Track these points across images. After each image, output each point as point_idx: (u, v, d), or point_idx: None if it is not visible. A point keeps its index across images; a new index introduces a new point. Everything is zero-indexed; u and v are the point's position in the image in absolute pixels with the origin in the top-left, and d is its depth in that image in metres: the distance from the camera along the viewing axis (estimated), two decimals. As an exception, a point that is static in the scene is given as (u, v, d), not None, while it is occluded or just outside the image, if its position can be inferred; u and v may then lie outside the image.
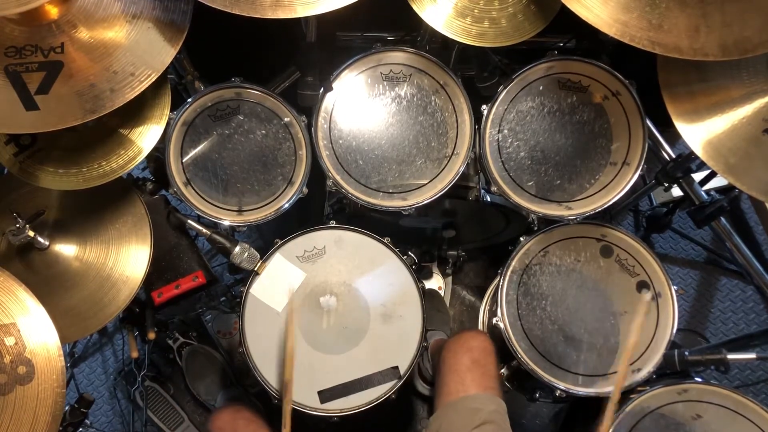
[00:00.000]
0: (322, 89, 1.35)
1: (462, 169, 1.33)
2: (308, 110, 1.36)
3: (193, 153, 1.34)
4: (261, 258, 1.33)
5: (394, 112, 1.38)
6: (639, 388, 1.27)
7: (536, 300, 1.37)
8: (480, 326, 1.61)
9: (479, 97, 1.39)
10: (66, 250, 1.27)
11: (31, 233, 1.20)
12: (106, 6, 1.12)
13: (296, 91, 1.35)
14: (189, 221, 1.34)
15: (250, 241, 1.58)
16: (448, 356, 1.34)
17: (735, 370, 1.94)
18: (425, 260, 1.85)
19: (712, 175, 1.55)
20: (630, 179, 1.30)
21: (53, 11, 1.10)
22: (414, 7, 1.25)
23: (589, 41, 1.46)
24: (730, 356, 1.24)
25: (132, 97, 1.09)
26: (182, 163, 1.33)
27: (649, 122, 1.31)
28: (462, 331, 1.46)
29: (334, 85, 1.37)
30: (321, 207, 1.63)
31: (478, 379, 1.27)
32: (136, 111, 1.26)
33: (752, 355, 1.27)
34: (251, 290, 1.33)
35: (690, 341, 1.98)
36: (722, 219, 1.48)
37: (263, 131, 1.36)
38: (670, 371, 1.31)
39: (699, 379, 1.25)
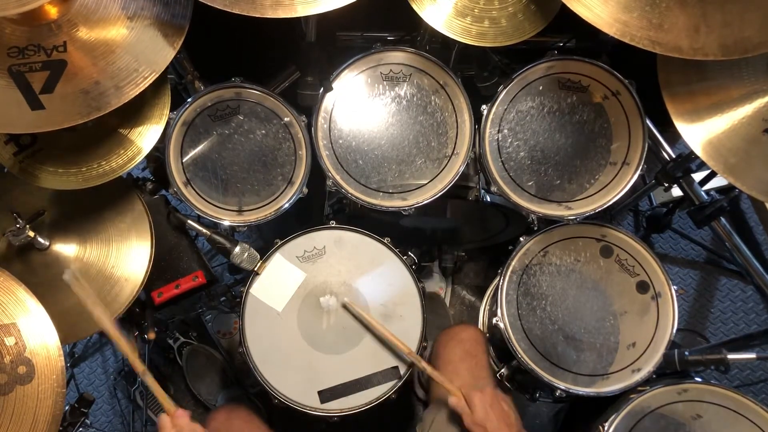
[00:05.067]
0: (322, 89, 1.35)
1: (462, 169, 1.33)
2: (308, 110, 1.36)
3: (193, 153, 1.34)
4: (261, 258, 1.34)
5: (394, 112, 1.38)
6: (639, 388, 1.27)
7: (536, 300, 1.37)
8: (480, 326, 1.61)
9: (479, 97, 1.39)
10: (66, 250, 1.27)
11: (31, 233, 1.21)
12: (105, 5, 1.12)
13: (296, 91, 1.35)
14: (189, 221, 1.34)
15: (250, 241, 1.58)
16: (439, 349, 1.34)
17: (735, 370, 1.94)
18: (425, 260, 1.86)
19: (712, 175, 1.55)
20: (630, 179, 1.30)
21: (53, 11, 1.10)
22: (414, 6, 1.25)
23: (589, 41, 1.46)
24: (730, 356, 1.24)
25: (136, 94, 1.09)
26: (182, 163, 1.33)
27: (649, 122, 1.31)
28: (453, 324, 1.46)
29: (334, 85, 1.37)
30: (321, 207, 1.63)
31: (471, 371, 1.28)
32: (136, 111, 1.26)
33: (752, 355, 1.27)
34: (251, 290, 1.33)
35: (690, 341, 1.98)
36: (722, 219, 1.48)
37: (263, 131, 1.36)
38: (670, 371, 1.31)
39: (699, 379, 1.25)
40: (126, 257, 1.27)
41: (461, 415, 1.11)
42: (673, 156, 1.43)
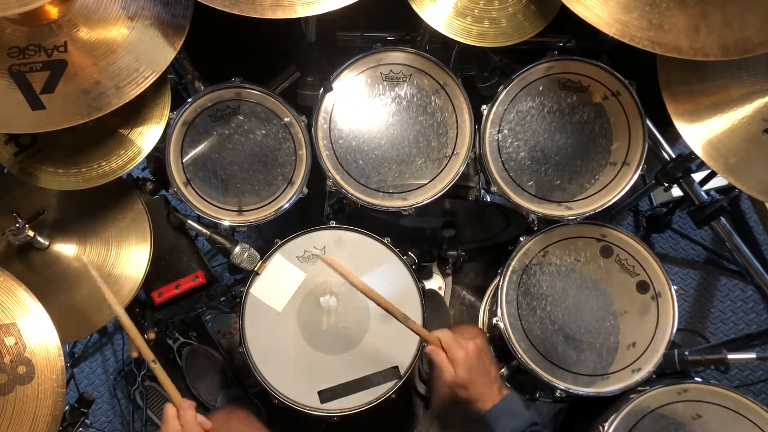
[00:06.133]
0: (322, 89, 1.35)
1: (462, 169, 1.33)
2: (308, 110, 1.36)
3: (193, 153, 1.34)
4: (261, 258, 1.33)
5: (394, 112, 1.38)
6: (639, 388, 1.27)
7: (536, 300, 1.37)
8: (480, 326, 1.61)
9: (479, 97, 1.39)
10: (66, 250, 1.27)
11: (31, 233, 1.21)
12: (106, 5, 1.12)
13: (296, 91, 1.35)
14: (189, 221, 1.34)
15: (250, 241, 1.58)
16: None
17: (735, 370, 1.94)
18: (425, 260, 1.85)
19: (712, 175, 1.55)
20: (630, 179, 1.30)
21: (53, 11, 1.10)
22: (414, 7, 1.25)
23: (589, 41, 1.46)
24: (730, 356, 1.24)
25: (136, 94, 1.09)
26: (182, 163, 1.33)
27: (649, 122, 1.31)
28: (453, 325, 1.46)
29: (334, 85, 1.37)
30: (321, 207, 1.63)
31: None
32: (136, 111, 1.26)
33: (752, 355, 1.27)
34: (251, 290, 1.33)
35: (690, 341, 1.98)
36: (722, 219, 1.48)
37: (263, 131, 1.36)
38: (670, 371, 1.31)
39: (699, 379, 1.25)
40: (125, 257, 1.27)
41: (441, 370, 1.06)
42: (673, 156, 1.43)
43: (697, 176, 1.46)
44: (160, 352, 1.89)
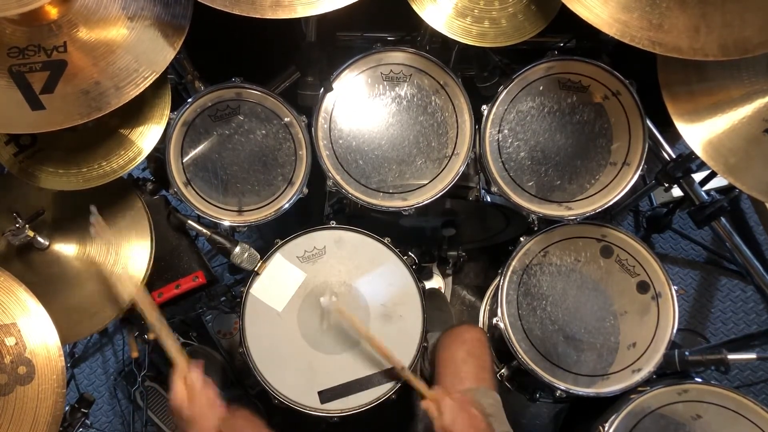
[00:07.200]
0: (322, 89, 1.35)
1: (462, 169, 1.33)
2: (308, 110, 1.36)
3: (193, 153, 1.34)
4: (261, 258, 1.33)
5: (394, 112, 1.38)
6: (639, 388, 1.27)
7: (536, 300, 1.37)
8: (480, 326, 1.60)
9: (479, 97, 1.39)
10: (66, 249, 1.27)
11: (31, 233, 1.21)
12: (105, 5, 1.12)
13: (296, 91, 1.35)
14: (189, 221, 1.34)
15: (250, 241, 1.58)
16: (442, 350, 1.34)
17: (735, 370, 1.94)
18: (425, 260, 1.85)
19: (712, 175, 1.55)
20: (630, 179, 1.30)
21: (53, 11, 1.10)
22: (414, 7, 1.25)
23: (589, 41, 1.46)
24: (730, 356, 1.24)
25: (136, 94, 1.09)
26: (182, 163, 1.33)
27: (649, 122, 1.31)
28: (456, 324, 1.46)
29: (334, 85, 1.37)
30: (321, 207, 1.63)
31: (474, 372, 1.28)
32: (136, 111, 1.26)
33: (752, 355, 1.27)
34: (251, 290, 1.33)
35: (690, 341, 1.98)
36: (722, 219, 1.48)
37: (263, 131, 1.36)
38: (670, 371, 1.31)
39: (699, 379, 1.25)
40: (126, 257, 1.27)
41: (432, 420, 1.10)
42: (673, 156, 1.43)
43: (697, 176, 1.46)
44: (161, 352, 1.89)
